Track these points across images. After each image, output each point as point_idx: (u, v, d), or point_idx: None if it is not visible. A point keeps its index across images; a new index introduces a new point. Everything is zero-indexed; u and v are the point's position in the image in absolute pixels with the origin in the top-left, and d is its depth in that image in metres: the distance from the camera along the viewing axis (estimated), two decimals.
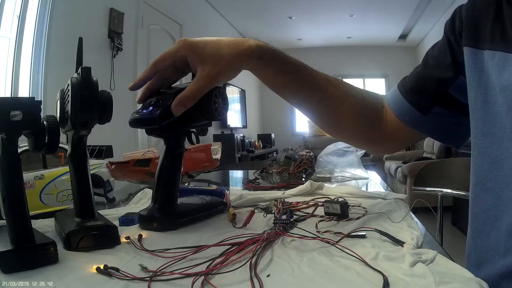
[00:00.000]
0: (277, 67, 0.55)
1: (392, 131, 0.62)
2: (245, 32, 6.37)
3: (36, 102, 0.40)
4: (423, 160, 3.74)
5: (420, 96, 0.56)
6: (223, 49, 0.50)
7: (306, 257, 0.39)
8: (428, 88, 0.55)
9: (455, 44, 0.51)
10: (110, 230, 0.45)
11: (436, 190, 1.36)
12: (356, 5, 5.03)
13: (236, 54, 0.51)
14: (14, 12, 2.17)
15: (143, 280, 0.34)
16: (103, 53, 2.76)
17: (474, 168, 0.48)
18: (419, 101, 0.56)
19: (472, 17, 0.48)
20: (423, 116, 0.56)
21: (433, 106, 0.55)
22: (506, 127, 0.41)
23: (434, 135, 0.59)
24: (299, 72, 0.57)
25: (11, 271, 0.36)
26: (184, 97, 0.49)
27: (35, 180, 0.65)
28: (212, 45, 0.51)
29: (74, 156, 0.47)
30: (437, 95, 0.54)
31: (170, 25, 3.79)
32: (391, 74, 6.97)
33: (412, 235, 0.45)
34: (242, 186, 1.02)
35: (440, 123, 0.56)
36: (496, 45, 0.44)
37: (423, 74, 0.56)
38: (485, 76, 0.45)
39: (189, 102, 0.49)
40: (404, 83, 0.60)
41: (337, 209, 0.55)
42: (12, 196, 0.39)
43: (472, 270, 0.35)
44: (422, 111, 0.56)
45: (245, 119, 6.08)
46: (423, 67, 0.57)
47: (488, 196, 0.44)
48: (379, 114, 0.62)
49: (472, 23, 0.48)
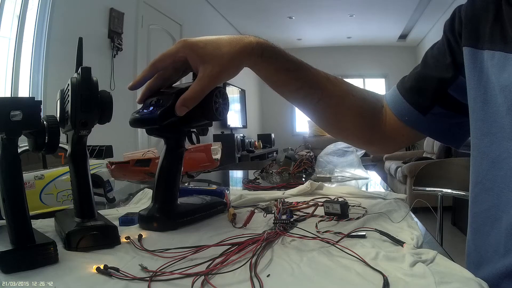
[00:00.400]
0: (277, 65, 0.55)
1: (391, 131, 0.62)
2: (245, 32, 6.36)
3: (36, 102, 0.40)
4: (423, 160, 3.74)
5: (419, 96, 0.56)
6: (224, 47, 0.50)
7: (306, 257, 0.39)
8: (427, 88, 0.55)
9: (454, 44, 0.51)
10: (110, 230, 0.45)
11: (436, 190, 1.36)
12: (356, 5, 5.03)
13: (236, 52, 0.50)
14: (14, 12, 2.17)
15: (143, 280, 0.34)
16: (103, 53, 2.76)
17: (474, 168, 0.48)
18: (418, 101, 0.56)
19: (471, 17, 0.48)
20: (422, 116, 0.56)
21: (433, 106, 0.55)
22: (506, 127, 0.41)
23: (434, 135, 0.59)
24: (299, 70, 0.56)
25: (11, 271, 0.36)
26: (187, 98, 0.49)
27: (35, 180, 0.65)
28: (212, 44, 0.50)
29: (74, 156, 0.47)
30: (436, 95, 0.54)
31: (170, 25, 3.79)
32: (391, 74, 6.97)
33: (412, 235, 0.45)
34: (242, 186, 1.02)
35: (439, 123, 0.56)
36: (496, 45, 0.44)
37: (423, 74, 0.56)
38: (485, 76, 0.45)
39: (192, 102, 0.49)
40: (403, 83, 0.60)
41: (337, 209, 0.55)
42: (12, 196, 0.39)
43: (472, 270, 0.35)
44: (421, 111, 0.56)
45: (245, 119, 6.08)
46: (422, 67, 0.57)
47: (487, 196, 0.44)
48: (378, 114, 0.62)
49: (471, 23, 0.48)
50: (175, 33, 3.87)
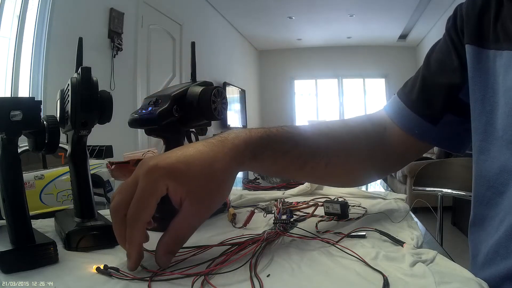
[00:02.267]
0: (273, 156, 0.45)
1: (399, 148, 0.57)
2: (245, 32, 6.37)
3: (36, 102, 0.40)
4: (423, 160, 3.73)
5: (429, 105, 0.52)
6: (212, 163, 0.38)
7: (306, 257, 0.39)
8: (437, 96, 0.51)
9: (458, 44, 0.49)
10: (110, 230, 0.45)
11: (436, 190, 1.36)
12: (356, 5, 5.03)
13: (227, 166, 0.39)
14: (14, 12, 2.17)
15: (143, 280, 0.34)
16: (103, 53, 2.76)
17: (483, 172, 0.46)
18: (428, 111, 0.53)
19: (472, 14, 0.47)
20: (433, 126, 0.53)
21: (444, 115, 0.52)
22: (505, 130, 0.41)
23: (443, 144, 0.56)
24: (297, 146, 0.48)
25: (11, 271, 0.36)
26: (171, 242, 0.37)
27: (35, 180, 0.65)
28: (196, 162, 0.38)
29: (74, 156, 0.47)
30: (447, 103, 0.51)
31: (170, 25, 3.79)
32: (391, 74, 6.97)
33: (412, 235, 0.45)
34: (242, 186, 1.02)
35: (449, 131, 0.53)
36: (502, 44, 0.42)
37: (429, 81, 0.53)
38: (492, 77, 0.43)
39: (179, 245, 0.38)
40: (408, 94, 0.56)
41: (337, 209, 0.55)
42: (12, 196, 0.39)
43: (476, 271, 0.35)
44: (432, 122, 0.52)
45: (245, 119, 6.08)
46: (427, 73, 0.54)
47: (501, 200, 0.43)
48: (385, 141, 0.57)
49: (473, 20, 0.47)
50: (175, 33, 3.87)
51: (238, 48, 6.42)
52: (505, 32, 0.43)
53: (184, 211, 0.37)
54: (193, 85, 0.54)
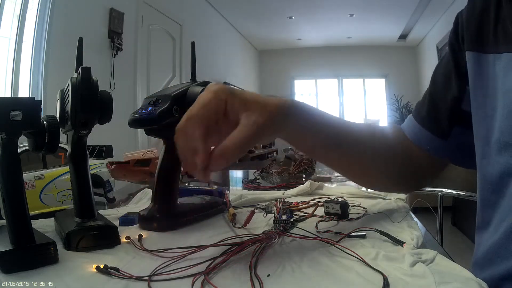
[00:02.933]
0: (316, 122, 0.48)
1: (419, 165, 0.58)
2: (245, 32, 6.37)
3: (36, 102, 0.40)
4: None
5: (436, 120, 0.53)
6: (264, 97, 0.42)
7: (306, 257, 0.39)
8: (442, 110, 0.52)
9: (459, 53, 0.49)
10: (110, 230, 0.45)
11: (436, 190, 1.36)
12: (356, 5, 5.03)
13: (280, 102, 0.42)
14: (14, 12, 2.17)
15: (143, 280, 0.34)
16: (103, 53, 2.76)
17: (486, 176, 0.45)
18: (436, 126, 0.53)
19: (473, 18, 0.47)
20: (444, 141, 0.53)
21: (452, 128, 0.52)
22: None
23: (456, 159, 0.56)
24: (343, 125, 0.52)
25: (11, 271, 0.36)
26: (227, 149, 0.38)
27: (35, 180, 0.65)
28: (250, 92, 0.42)
29: (74, 156, 0.47)
30: (452, 116, 0.51)
31: (170, 25, 3.79)
32: (391, 74, 6.97)
33: (412, 235, 0.45)
34: (242, 186, 1.02)
35: (460, 144, 0.53)
36: (501, 47, 0.42)
37: (434, 95, 0.53)
38: (491, 81, 0.43)
39: (234, 155, 0.38)
40: (419, 111, 0.56)
41: (337, 209, 0.55)
42: (12, 196, 0.39)
43: (476, 271, 0.34)
44: (442, 137, 0.53)
45: None
46: (433, 87, 0.54)
47: (502, 201, 0.43)
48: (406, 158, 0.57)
49: (473, 25, 0.46)
50: (175, 33, 3.87)
51: (238, 48, 6.42)
52: (505, 34, 0.42)
53: (242, 122, 0.39)
54: (193, 85, 0.54)
